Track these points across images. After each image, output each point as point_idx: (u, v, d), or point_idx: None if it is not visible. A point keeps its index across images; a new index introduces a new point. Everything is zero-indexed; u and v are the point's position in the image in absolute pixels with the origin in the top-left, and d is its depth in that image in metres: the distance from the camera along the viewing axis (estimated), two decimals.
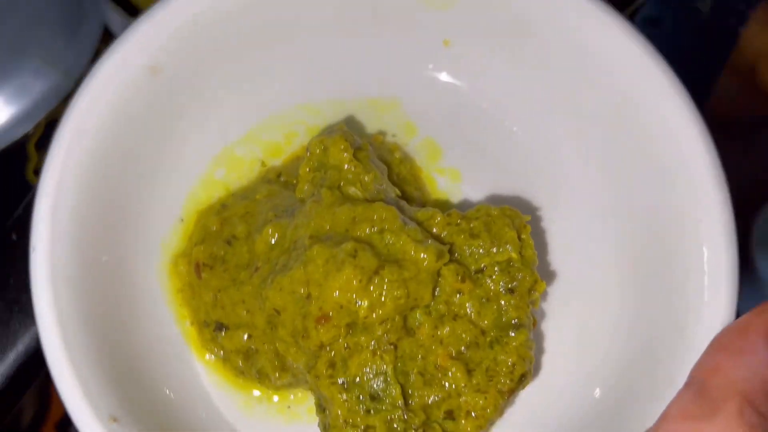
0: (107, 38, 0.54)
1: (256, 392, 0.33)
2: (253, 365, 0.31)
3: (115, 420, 0.25)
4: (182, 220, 0.32)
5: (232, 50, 0.32)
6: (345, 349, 0.27)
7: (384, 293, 0.26)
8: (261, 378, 0.31)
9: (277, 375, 0.30)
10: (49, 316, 0.24)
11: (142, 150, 0.31)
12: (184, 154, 0.33)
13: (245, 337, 0.30)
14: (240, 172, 0.34)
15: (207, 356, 0.32)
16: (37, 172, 0.51)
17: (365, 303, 0.26)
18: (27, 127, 0.51)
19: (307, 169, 0.30)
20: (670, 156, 0.30)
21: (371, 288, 0.26)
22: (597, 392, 0.30)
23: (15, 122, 0.51)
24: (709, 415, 0.21)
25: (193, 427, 0.29)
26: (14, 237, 0.30)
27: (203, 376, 0.32)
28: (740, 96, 0.68)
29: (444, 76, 0.34)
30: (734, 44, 0.60)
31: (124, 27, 0.38)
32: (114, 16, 0.38)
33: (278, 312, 0.28)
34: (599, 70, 0.31)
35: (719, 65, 0.59)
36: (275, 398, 0.33)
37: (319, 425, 0.29)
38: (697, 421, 0.21)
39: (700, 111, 0.51)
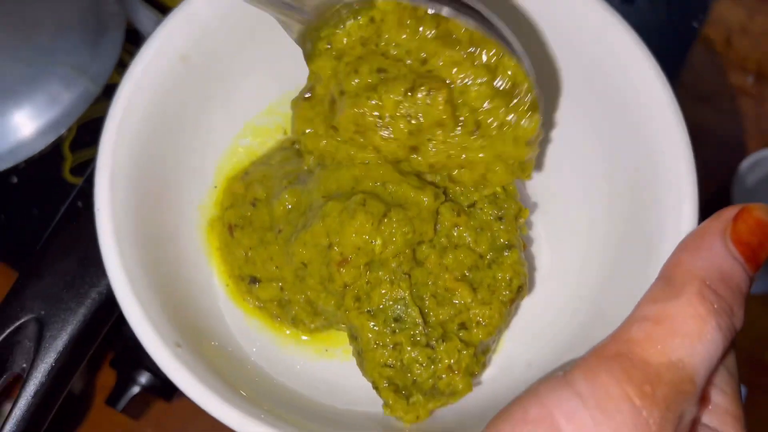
0: (137, 37, 0.58)
1: (288, 332, 0.36)
2: (287, 313, 0.35)
3: (178, 345, 0.29)
4: (215, 186, 0.36)
5: (249, 39, 0.36)
6: (367, 284, 0.30)
7: (393, 231, 0.30)
8: (296, 323, 0.35)
9: (310, 320, 0.34)
10: (116, 265, 0.28)
11: (178, 126, 0.34)
12: (213, 128, 0.36)
13: (279, 288, 0.34)
14: (262, 141, 0.38)
15: (247, 302, 0.36)
16: (73, 171, 0.56)
17: (379, 241, 0.30)
18: (61, 131, 0.55)
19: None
20: (641, 114, 0.33)
21: (382, 228, 0.30)
22: (583, 300, 0.34)
23: (50, 127, 0.55)
24: (674, 296, 0.24)
25: (243, 361, 0.33)
26: (80, 205, 0.34)
27: (246, 321, 0.36)
28: (714, 67, 0.72)
29: None
30: (705, 18, 0.65)
31: (155, 24, 0.42)
32: (145, 13, 0.41)
33: (305, 264, 0.32)
34: (582, 45, 0.34)
35: (691, 38, 0.63)
36: (303, 338, 0.36)
37: (353, 354, 0.33)
38: (663, 302, 0.24)
39: (675, 81, 0.55)
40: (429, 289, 0.31)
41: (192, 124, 0.35)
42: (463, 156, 0.31)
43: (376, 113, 0.30)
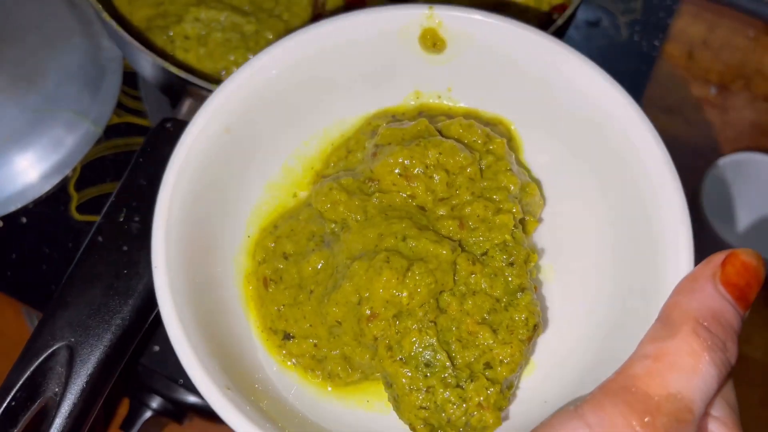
0: (134, 79, 0.61)
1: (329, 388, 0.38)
2: (323, 368, 0.37)
3: (228, 388, 0.31)
4: (248, 236, 0.39)
5: (282, 112, 0.39)
6: (397, 333, 0.33)
7: (417, 283, 0.33)
8: (332, 377, 0.37)
9: (346, 374, 0.36)
10: (172, 317, 0.31)
11: (220, 186, 0.37)
12: (248, 184, 0.39)
13: (313, 344, 0.37)
14: (285, 202, 0.40)
15: (281, 355, 0.37)
16: (79, 209, 0.58)
17: (405, 293, 0.33)
18: (65, 172, 0.58)
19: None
20: (640, 171, 0.36)
21: (407, 281, 0.32)
22: (592, 340, 0.37)
23: (55, 169, 0.58)
24: (671, 336, 0.27)
25: (286, 407, 0.35)
26: (100, 239, 0.36)
27: (282, 373, 0.38)
28: (678, 81, 0.76)
29: None
30: (666, 36, 0.69)
31: (151, 66, 0.45)
32: (142, 57, 0.44)
33: (339, 323, 0.34)
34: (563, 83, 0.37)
35: (654, 55, 0.67)
36: (329, 388, 0.38)
37: (389, 399, 0.35)
38: (661, 341, 0.27)
39: (640, 95, 0.59)
40: (453, 334, 0.34)
41: (232, 185, 0.38)
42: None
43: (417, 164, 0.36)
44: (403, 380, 0.33)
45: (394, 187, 0.36)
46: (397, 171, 0.36)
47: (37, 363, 0.33)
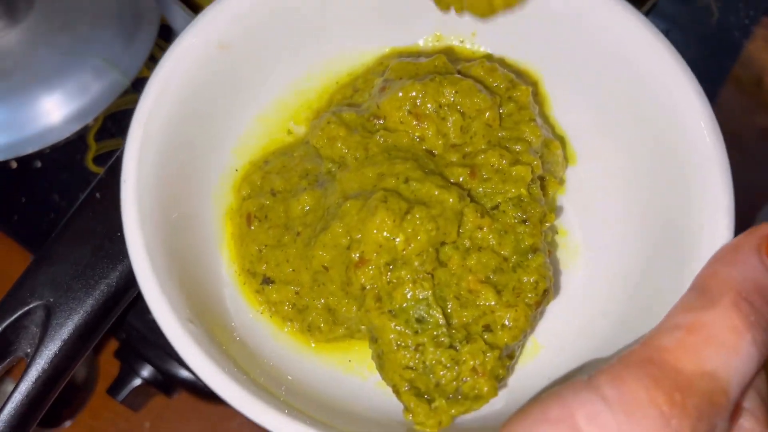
0: (169, 33, 0.59)
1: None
2: (303, 320, 0.33)
3: (190, 321, 0.28)
4: (236, 170, 0.36)
5: (286, 36, 0.36)
6: (388, 284, 0.29)
7: (416, 228, 0.29)
8: (312, 330, 0.33)
9: (329, 328, 0.33)
10: (136, 235, 0.28)
11: (209, 109, 0.34)
12: (240, 111, 0.36)
13: (294, 291, 0.33)
14: (278, 136, 0.37)
15: (258, 301, 0.34)
16: (96, 160, 0.56)
17: (401, 237, 0.29)
18: (88, 119, 0.56)
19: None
20: (662, 103, 0.33)
21: (404, 225, 0.29)
22: (609, 313, 0.33)
23: (78, 115, 0.56)
24: (709, 306, 0.24)
25: (253, 351, 0.33)
26: (98, 196, 0.34)
27: (255, 318, 0.35)
28: (742, 108, 0.71)
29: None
30: (737, 58, 0.64)
31: (187, 22, 0.43)
32: (177, 11, 0.42)
33: (326, 268, 0.31)
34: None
35: (722, 77, 0.63)
36: (312, 344, 0.34)
37: (372, 357, 0.31)
38: (697, 311, 0.24)
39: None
40: (452, 290, 0.30)
41: (222, 108, 0.35)
42: None
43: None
44: (391, 335, 0.29)
45: (402, 126, 0.33)
46: (406, 108, 0.32)
47: (10, 319, 0.31)
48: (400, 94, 0.32)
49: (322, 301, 0.33)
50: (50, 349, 0.30)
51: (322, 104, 0.38)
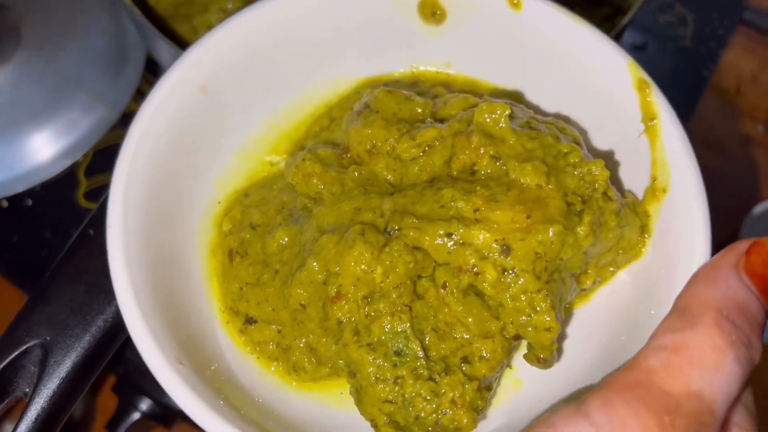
0: (155, 68, 0.59)
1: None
2: (288, 360, 0.33)
3: (180, 362, 0.28)
4: (219, 202, 0.36)
5: (264, 74, 0.37)
6: (366, 317, 0.29)
7: (394, 260, 0.29)
8: (297, 370, 0.33)
9: (313, 368, 0.33)
10: (123, 279, 0.28)
11: (192, 147, 0.34)
12: (223, 151, 0.36)
13: (276, 331, 0.33)
14: (259, 169, 0.37)
15: (244, 345, 0.34)
16: (87, 196, 0.57)
17: (379, 269, 0.29)
18: (77, 156, 0.56)
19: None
20: (633, 120, 0.33)
21: (382, 257, 0.29)
22: (593, 335, 0.33)
23: (67, 151, 0.56)
24: (690, 327, 0.24)
25: (245, 394, 0.33)
26: (91, 232, 0.34)
27: (243, 355, 0.34)
28: (723, 116, 0.72)
29: None
30: (715, 67, 0.65)
31: (173, 57, 0.43)
32: (163, 46, 0.42)
33: (304, 306, 0.31)
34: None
35: (701, 87, 0.64)
36: (293, 383, 0.34)
37: (350, 393, 0.31)
38: (680, 332, 0.24)
39: (685, 128, 0.56)
40: (429, 322, 0.30)
41: (203, 147, 0.35)
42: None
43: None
44: (369, 369, 0.29)
45: (359, 159, 0.33)
46: (367, 146, 0.33)
47: (7, 360, 0.31)
48: (368, 132, 0.33)
49: (304, 340, 0.33)
50: (49, 388, 0.30)
51: (300, 135, 0.38)
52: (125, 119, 0.58)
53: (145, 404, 0.50)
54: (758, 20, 0.69)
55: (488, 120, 0.31)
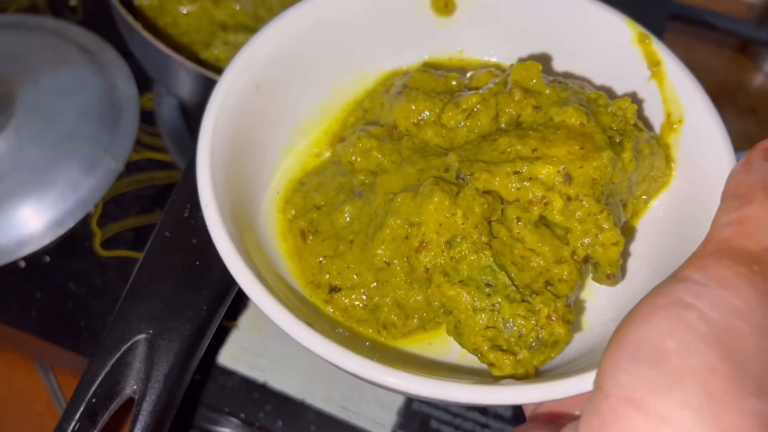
0: (150, 118, 0.60)
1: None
2: (377, 320, 0.35)
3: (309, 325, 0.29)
4: (278, 192, 0.38)
5: (304, 71, 0.39)
6: (452, 259, 0.32)
7: (470, 203, 0.32)
8: (387, 327, 0.35)
9: (402, 322, 0.34)
10: (233, 256, 0.30)
11: (250, 140, 0.37)
12: (276, 144, 0.39)
13: (361, 294, 0.35)
14: (315, 153, 0.40)
15: (328, 308, 0.35)
16: (103, 244, 0.57)
17: (459, 212, 0.31)
18: (88, 209, 0.57)
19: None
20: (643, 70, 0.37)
21: (459, 202, 0.31)
22: (647, 259, 0.36)
23: (77, 206, 0.57)
24: (746, 204, 0.27)
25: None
26: (167, 234, 0.35)
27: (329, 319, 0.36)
28: None
29: None
30: None
31: (190, 77, 0.45)
32: (174, 65, 0.44)
33: (388, 264, 0.33)
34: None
35: None
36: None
37: (447, 332, 0.33)
38: (738, 210, 0.27)
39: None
40: (507, 257, 0.32)
41: (261, 139, 0.38)
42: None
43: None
44: (466, 301, 0.31)
45: (408, 132, 0.36)
46: (413, 119, 0.36)
47: (116, 356, 0.31)
48: (413, 107, 0.36)
49: (390, 297, 0.34)
50: (159, 380, 0.31)
51: (336, 128, 0.41)
52: (130, 168, 0.59)
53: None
54: (684, 12, 0.78)
55: (525, 75, 0.35)
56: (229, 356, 0.51)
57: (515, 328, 0.31)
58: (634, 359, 0.23)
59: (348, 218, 0.36)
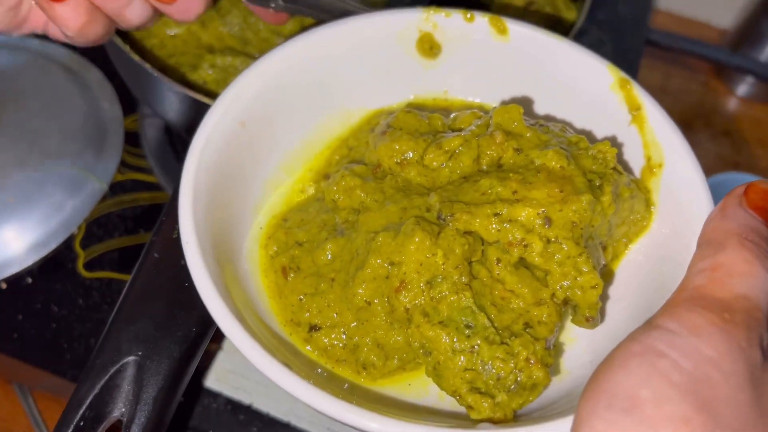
0: (136, 139, 0.60)
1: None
2: (357, 360, 0.35)
3: (286, 365, 0.29)
4: (261, 228, 0.38)
5: (288, 110, 0.40)
6: (432, 300, 0.32)
7: (451, 243, 0.32)
8: (366, 367, 0.35)
9: (382, 363, 0.34)
10: (211, 293, 0.30)
11: (235, 176, 0.37)
12: (260, 180, 0.39)
13: (341, 334, 0.35)
14: (290, 197, 0.41)
15: (308, 350, 0.35)
16: (87, 266, 0.56)
17: (439, 252, 0.32)
18: (71, 230, 0.56)
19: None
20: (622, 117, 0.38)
21: (440, 242, 0.32)
22: (626, 301, 0.37)
23: (60, 228, 0.56)
24: (720, 250, 0.28)
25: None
26: (156, 255, 0.35)
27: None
28: None
29: None
30: (637, 75, 0.74)
31: (177, 97, 0.46)
32: (160, 85, 0.44)
33: (368, 303, 0.33)
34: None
35: None
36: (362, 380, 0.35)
37: (427, 373, 0.33)
38: (711, 257, 0.28)
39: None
40: (487, 298, 0.33)
41: (244, 175, 0.38)
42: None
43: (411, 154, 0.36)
44: (445, 342, 0.31)
45: (391, 171, 0.37)
46: (396, 159, 0.36)
47: (105, 378, 0.31)
48: (396, 147, 0.36)
49: (370, 337, 0.34)
50: (148, 402, 0.31)
51: (322, 165, 0.42)
52: (114, 189, 0.59)
53: None
54: (661, 39, 0.80)
55: (506, 117, 0.36)
56: (215, 378, 0.51)
57: (494, 370, 0.31)
58: (609, 407, 0.23)
59: (329, 256, 0.36)
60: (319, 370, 0.34)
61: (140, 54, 0.48)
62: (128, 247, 0.57)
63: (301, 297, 0.36)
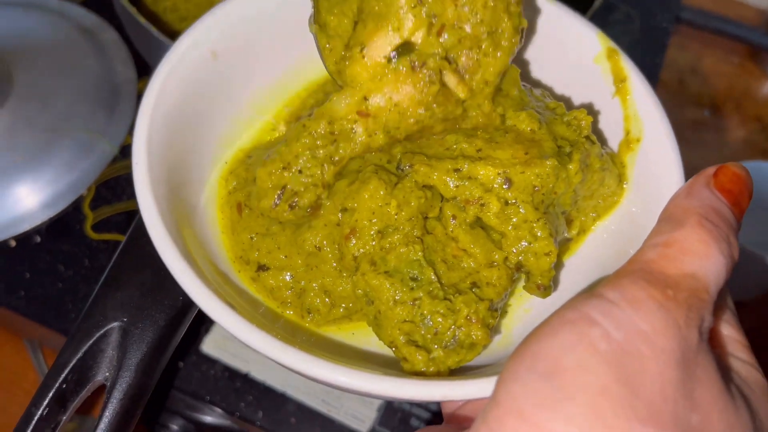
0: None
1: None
2: (302, 304, 0.34)
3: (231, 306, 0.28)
4: (225, 162, 0.38)
5: (268, 41, 0.39)
6: (381, 249, 0.31)
7: (407, 196, 0.31)
8: (312, 313, 0.34)
9: (327, 309, 0.34)
10: (154, 215, 0.30)
11: (202, 107, 0.36)
12: (231, 114, 0.38)
13: (288, 276, 0.34)
14: (260, 134, 0.40)
15: (257, 292, 0.35)
16: (95, 227, 0.57)
17: (393, 203, 0.31)
18: (81, 191, 0.57)
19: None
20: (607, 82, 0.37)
21: (396, 193, 0.31)
22: (585, 284, 0.35)
23: (70, 188, 0.57)
24: (678, 227, 0.27)
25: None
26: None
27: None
28: (672, 104, 0.79)
29: None
30: (664, 55, 0.72)
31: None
32: (154, 40, 0.43)
33: (318, 249, 0.33)
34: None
35: (656, 72, 0.70)
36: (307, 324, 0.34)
37: (368, 323, 0.32)
38: (669, 233, 0.27)
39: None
40: (439, 255, 0.32)
41: (213, 109, 0.37)
42: None
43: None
44: (388, 293, 0.31)
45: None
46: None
47: (89, 343, 0.31)
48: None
49: (318, 283, 0.34)
50: (131, 368, 0.31)
51: (297, 106, 0.41)
52: (124, 151, 0.59)
53: (176, 424, 0.50)
54: (693, 17, 0.77)
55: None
56: (213, 345, 0.51)
57: (432, 324, 0.31)
58: (530, 369, 0.23)
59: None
60: (263, 309, 0.33)
61: (152, 17, 0.47)
62: (136, 210, 0.57)
63: (253, 236, 0.35)
